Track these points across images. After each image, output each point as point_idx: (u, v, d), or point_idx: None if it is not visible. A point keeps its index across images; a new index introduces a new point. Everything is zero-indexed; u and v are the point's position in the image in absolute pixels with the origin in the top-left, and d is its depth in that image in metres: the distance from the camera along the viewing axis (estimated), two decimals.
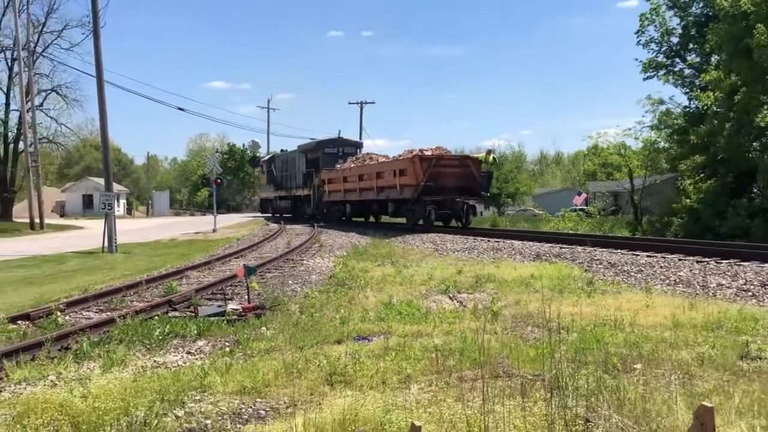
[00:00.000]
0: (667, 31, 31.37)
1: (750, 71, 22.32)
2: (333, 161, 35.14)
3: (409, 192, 24.01)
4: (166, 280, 12.42)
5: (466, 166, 24.59)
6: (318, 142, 37.93)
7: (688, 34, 30.75)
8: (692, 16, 30.61)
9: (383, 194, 26.95)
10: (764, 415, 4.28)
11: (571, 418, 3.77)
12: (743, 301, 8.99)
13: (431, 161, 23.72)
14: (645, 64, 32.05)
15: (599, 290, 10.07)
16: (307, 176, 37.45)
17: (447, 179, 23.84)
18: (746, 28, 22.21)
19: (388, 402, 4.50)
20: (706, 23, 27.98)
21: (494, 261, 14.50)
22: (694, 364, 5.69)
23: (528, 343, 6.64)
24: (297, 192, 39.87)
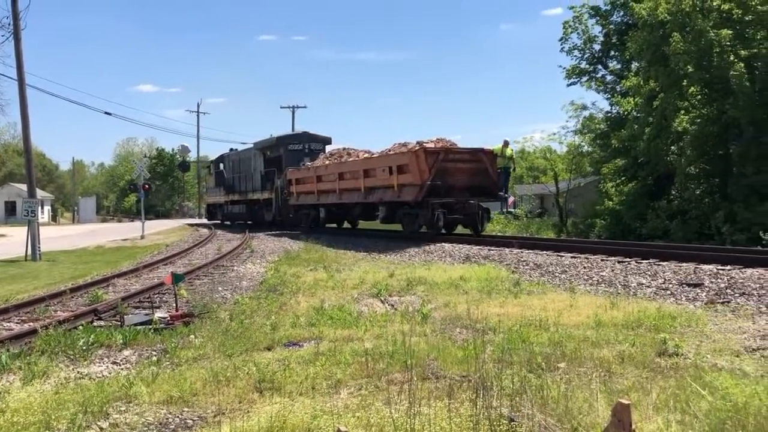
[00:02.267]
0: (589, 39, 32.32)
1: (667, 78, 23.18)
2: (298, 159, 30.57)
3: (412, 193, 19.51)
4: (92, 288, 12.11)
5: (478, 161, 20.13)
6: (279, 138, 33.11)
7: (610, 42, 31.76)
8: (613, 24, 31.61)
9: (373, 196, 22.21)
10: (679, 410, 4.46)
11: (496, 418, 3.87)
12: (662, 299, 9.34)
13: (438, 155, 19.20)
14: (568, 71, 32.94)
15: (525, 291, 10.30)
16: (267, 177, 32.90)
17: (457, 177, 19.58)
18: (663, 37, 23.05)
19: (317, 408, 4.52)
20: (626, 31, 28.93)
21: (425, 264, 14.65)
22: (615, 362, 5.88)
23: (456, 344, 6.74)
24: (254, 195, 35.01)
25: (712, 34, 21.65)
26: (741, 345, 6.49)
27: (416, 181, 19.23)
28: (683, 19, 22.57)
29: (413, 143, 20.89)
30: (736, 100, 21.73)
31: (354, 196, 23.73)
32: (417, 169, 19.18)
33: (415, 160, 19.30)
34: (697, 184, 25.07)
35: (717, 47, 21.84)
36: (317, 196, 26.66)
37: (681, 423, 4.16)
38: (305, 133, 33.04)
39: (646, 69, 24.92)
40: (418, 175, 19.16)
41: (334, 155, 27.49)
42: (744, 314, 7.95)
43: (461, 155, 19.99)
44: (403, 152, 20.29)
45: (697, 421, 4.15)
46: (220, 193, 41.57)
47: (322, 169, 26.36)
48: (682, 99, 24.10)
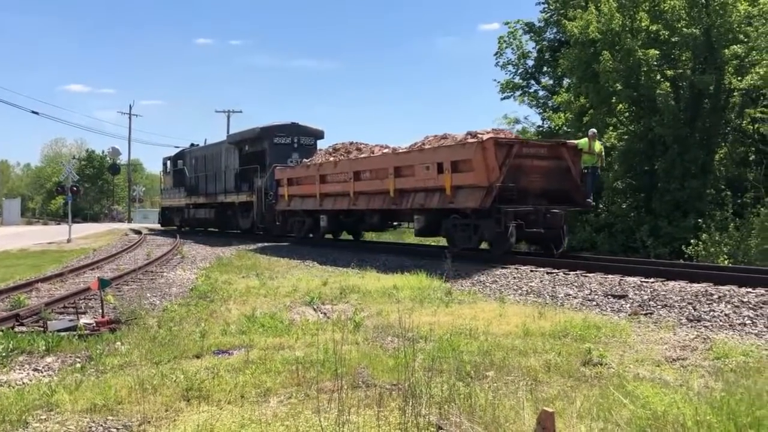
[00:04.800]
0: (523, 54, 33.04)
1: (597, 95, 23.87)
2: (285, 155, 26.11)
3: (473, 198, 14.72)
4: (14, 293, 11.67)
5: (559, 158, 15.60)
6: (263, 129, 27.25)
7: (543, 58, 32.54)
8: (546, 40, 32.41)
9: (408, 201, 17.16)
10: (602, 418, 4.59)
11: (425, 426, 3.90)
12: (588, 310, 9.58)
13: (511, 148, 14.67)
14: (503, 85, 33.60)
15: (457, 300, 10.42)
16: (244, 176, 27.94)
17: (531, 178, 15.19)
18: (594, 55, 23.74)
19: (245, 416, 4.47)
20: (559, 48, 29.69)
21: (359, 272, 14.67)
22: (542, 371, 6.01)
23: (388, 353, 6.76)
24: (226, 198, 29.67)
25: (640, 54, 22.41)
26: (662, 355, 6.71)
27: (480, 182, 14.57)
28: (613, 38, 23.29)
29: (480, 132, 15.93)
30: (662, 118, 22.55)
31: (377, 200, 18.56)
32: (483, 166, 14.47)
33: (480, 154, 14.52)
34: (624, 199, 25.83)
35: (645, 66, 22.63)
36: (319, 200, 21.51)
37: (603, 431, 4.28)
38: (294, 125, 27.42)
39: (577, 85, 25.59)
40: (483, 173, 14.47)
41: (338, 150, 22.46)
42: (665, 325, 8.22)
43: (537, 150, 15.60)
44: (463, 144, 15.32)
45: (619, 429, 4.27)
46: (179, 194, 36.11)
47: (327, 166, 21.19)
48: (611, 116, 24.87)
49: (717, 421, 4.02)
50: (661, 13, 23.34)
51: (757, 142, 24.44)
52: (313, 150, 26.11)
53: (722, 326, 8.18)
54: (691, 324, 8.38)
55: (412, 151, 17.39)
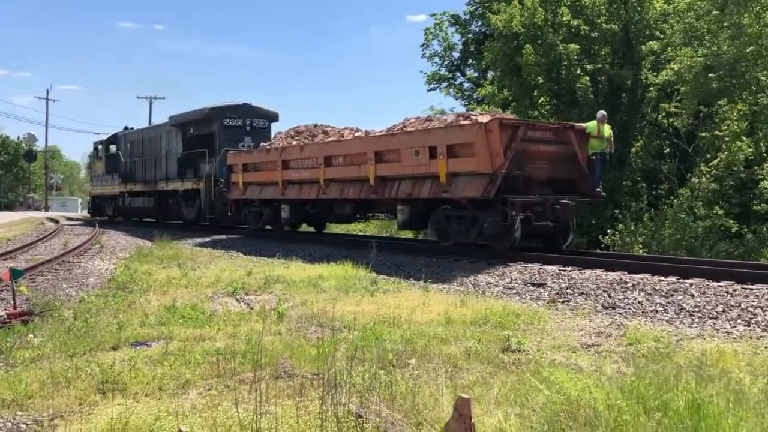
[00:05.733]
0: (449, 47, 33.40)
1: (519, 88, 24.36)
2: (237, 139, 23.84)
3: (474, 186, 12.94)
4: None
5: (565, 143, 13.98)
6: (212, 110, 24.49)
7: (468, 50, 32.95)
8: (471, 33, 32.81)
9: (392, 190, 15.13)
10: (519, 403, 4.69)
11: (344, 415, 3.91)
12: (508, 298, 9.78)
13: (517, 131, 13.03)
14: (429, 76, 33.88)
15: (382, 290, 10.47)
16: (189, 162, 25.52)
17: (536, 164, 13.65)
18: (517, 48, 24.21)
19: (162, 409, 4.39)
20: (484, 41, 30.11)
21: (285, 262, 14.56)
22: (462, 358, 6.11)
23: (311, 342, 6.74)
24: (168, 186, 27.18)
25: (561, 48, 22.97)
26: (578, 341, 6.91)
27: (483, 169, 12.81)
28: (535, 32, 23.79)
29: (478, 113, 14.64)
30: (582, 111, 23.16)
31: (353, 189, 16.50)
32: (486, 150, 12.79)
33: (483, 136, 12.80)
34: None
35: (566, 60, 23.22)
36: (281, 188, 19.30)
37: (520, 416, 4.38)
38: (246, 105, 24.86)
39: (501, 78, 26.05)
40: (487, 159, 12.77)
41: (302, 133, 20.38)
42: (582, 313, 8.46)
43: (543, 133, 13.88)
44: (461, 125, 13.47)
45: (534, 414, 4.38)
46: (112, 181, 33.24)
47: (292, 151, 18.97)
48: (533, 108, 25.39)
49: (627, 404, 4.17)
50: (582, 9, 23.96)
51: (671, 136, 25.40)
52: (267, 133, 24.21)
53: (635, 313, 8.48)
54: (606, 311, 8.66)
55: (398, 134, 15.30)
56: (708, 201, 21.38)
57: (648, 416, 4.00)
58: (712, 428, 3.77)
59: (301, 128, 20.85)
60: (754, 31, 18.14)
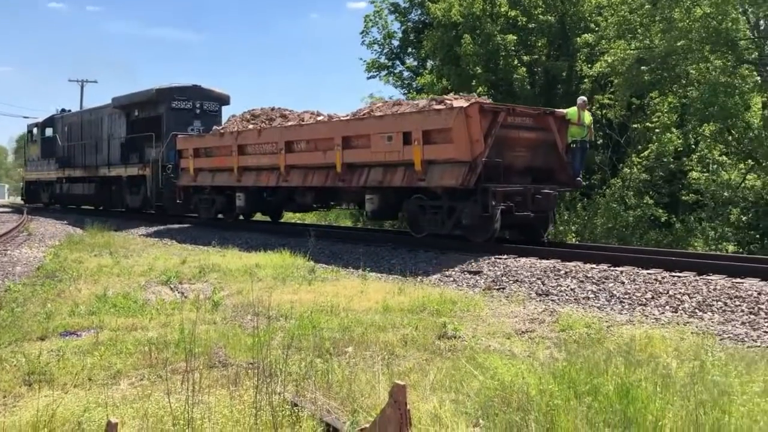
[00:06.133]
0: (388, 35, 33.32)
1: (458, 77, 24.50)
2: (186, 122, 22.47)
3: (455, 175, 12.19)
4: None
5: (545, 129, 13.32)
6: (159, 91, 22.99)
7: (407, 39, 32.93)
8: (411, 21, 32.80)
9: (360, 177, 14.24)
10: (454, 389, 4.75)
11: (279, 404, 3.88)
12: (445, 285, 9.87)
13: (497, 116, 12.25)
14: (369, 64, 33.78)
15: (320, 278, 10.43)
16: (133, 146, 24.02)
17: (516, 152, 13.02)
18: (456, 38, 24.35)
19: (91, 400, 4.28)
20: (423, 30, 30.17)
21: (221, 251, 14.36)
22: (399, 345, 6.13)
23: (246, 331, 6.66)
24: (110, 171, 25.50)
25: (499, 39, 23.19)
26: (512, 328, 7.02)
27: (462, 156, 12.15)
28: (474, 22, 23.96)
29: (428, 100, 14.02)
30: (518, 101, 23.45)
31: (317, 176, 15.51)
32: (465, 137, 12.09)
33: (463, 122, 12.08)
34: None
35: (503, 51, 23.46)
36: (236, 174, 18.16)
37: (455, 402, 4.42)
38: (196, 87, 23.49)
39: (440, 67, 26.16)
40: (466, 146, 12.10)
41: (258, 117, 19.17)
42: (516, 300, 8.60)
43: (523, 119, 13.10)
44: (439, 110, 12.66)
45: (469, 400, 4.43)
46: (48, 166, 31.42)
47: (249, 135, 17.81)
48: None
49: (559, 389, 4.25)
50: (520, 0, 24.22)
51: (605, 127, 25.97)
52: (218, 117, 23.24)
53: (568, 300, 8.67)
54: (539, 298, 8.83)
55: (369, 118, 14.28)
56: (638, 191, 21.98)
57: (579, 400, 4.09)
58: (640, 411, 3.88)
59: (257, 111, 19.67)
60: (685, 26, 18.64)
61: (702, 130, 20.84)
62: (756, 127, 19.96)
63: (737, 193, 20.05)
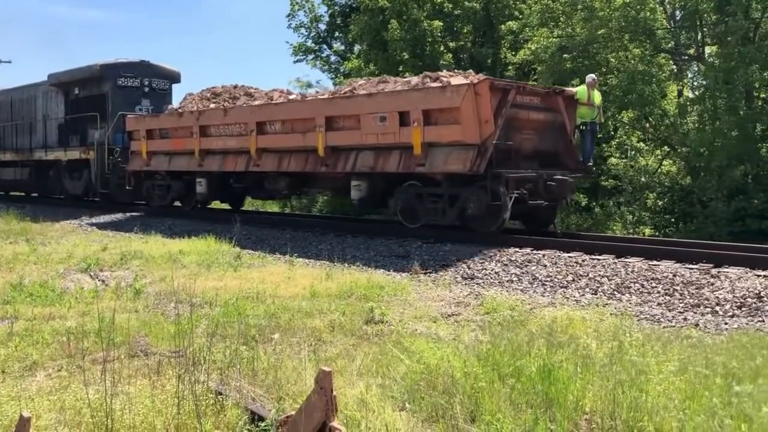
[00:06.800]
0: (315, 18, 33.02)
1: (385, 62, 24.50)
2: (134, 102, 20.69)
3: (462, 159, 11.08)
4: None
5: (553, 109, 12.33)
6: (104, 67, 20.85)
7: (334, 23, 32.71)
8: (338, 6, 32.57)
9: (347, 162, 12.91)
10: (380, 374, 4.77)
11: (203, 392, 3.81)
12: (373, 270, 9.90)
13: (507, 94, 11.19)
14: (295, 48, 33.44)
15: (246, 264, 10.31)
16: (74, 127, 21.84)
17: (524, 135, 12.02)
18: (382, 23, 24.33)
19: (4, 393, 4.11)
20: (350, 14, 30.01)
21: (143, 237, 14.02)
22: (326, 331, 6.12)
23: (170, 319, 6.53)
24: (47, 155, 23.18)
25: (425, 25, 23.29)
26: (438, 311, 7.10)
27: (469, 139, 10.99)
28: (401, 8, 23.97)
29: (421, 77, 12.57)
30: None
31: (295, 161, 14.03)
32: (474, 117, 10.89)
33: (471, 100, 10.88)
34: None
35: (430, 37, 23.57)
36: (198, 158, 16.57)
37: (381, 386, 4.44)
38: (144, 63, 21.46)
39: (367, 52, 26.10)
40: (475, 128, 10.90)
41: (220, 95, 17.68)
42: (443, 283, 8.71)
43: (531, 98, 12.08)
44: (443, 86, 11.48)
45: (396, 384, 4.46)
46: None
47: (213, 115, 16.23)
48: None
49: (483, 372, 4.32)
50: None
51: None
52: (168, 96, 21.52)
53: (492, 283, 8.83)
54: (465, 282, 8.96)
55: (359, 96, 12.98)
56: None
57: (502, 382, 4.17)
58: (562, 392, 3.98)
59: (218, 89, 18.23)
60: (605, 15, 19.11)
61: (621, 117, 21.45)
62: (672, 115, 20.69)
63: (654, 178, 20.76)
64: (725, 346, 5.23)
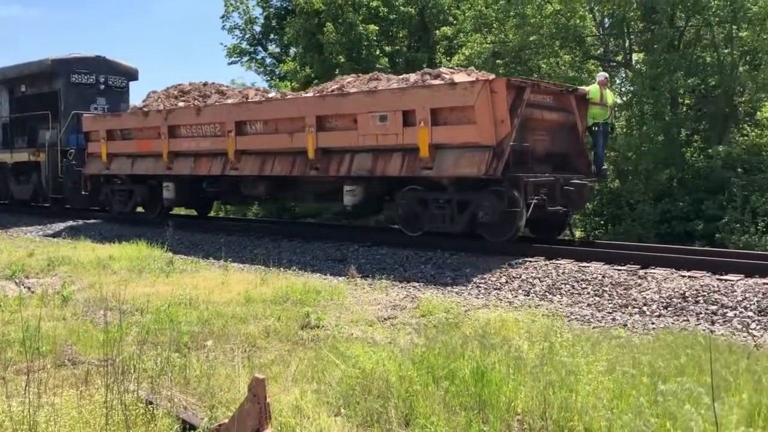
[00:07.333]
0: (250, 20, 32.73)
1: (321, 65, 24.43)
2: (89, 100, 19.16)
3: (476, 162, 10.20)
4: None
5: (566, 109, 11.67)
6: (56, 62, 19.33)
7: (270, 25, 32.47)
8: (273, 7, 32.35)
9: (341, 165, 11.90)
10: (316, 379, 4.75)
11: (132, 402, 3.73)
12: (310, 274, 9.85)
13: (523, 92, 10.37)
14: (230, 50, 33.07)
15: (178, 270, 10.12)
16: (21, 127, 20.29)
17: (537, 135, 11.29)
18: (318, 26, 24.26)
19: None
20: (286, 16, 29.84)
21: (72, 242, 13.63)
22: (261, 337, 6.06)
23: (99, 327, 6.35)
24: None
25: (361, 28, 23.33)
26: (375, 315, 7.11)
27: (484, 140, 10.14)
28: (336, 11, 23.96)
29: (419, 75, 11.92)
30: None
31: (280, 163, 12.92)
32: (489, 117, 10.06)
33: (486, 98, 10.05)
34: None
35: (365, 41, 23.61)
36: (166, 161, 15.26)
37: (317, 392, 4.43)
38: (100, 58, 19.89)
39: (303, 55, 25.99)
40: (490, 128, 10.07)
41: (189, 93, 16.61)
42: (380, 287, 8.72)
43: (544, 97, 11.30)
44: (455, 83, 10.74)
45: (331, 389, 4.45)
46: None
47: (184, 114, 15.00)
48: None
49: (418, 375, 4.35)
50: None
51: None
52: (126, 94, 20.25)
53: (428, 286, 8.89)
54: (401, 285, 9.00)
55: (356, 94, 12.00)
56: None
57: (437, 385, 4.21)
58: (494, 393, 4.03)
59: (186, 87, 17.04)
60: (537, 22, 19.49)
61: None
62: None
63: None
64: (652, 345, 5.39)
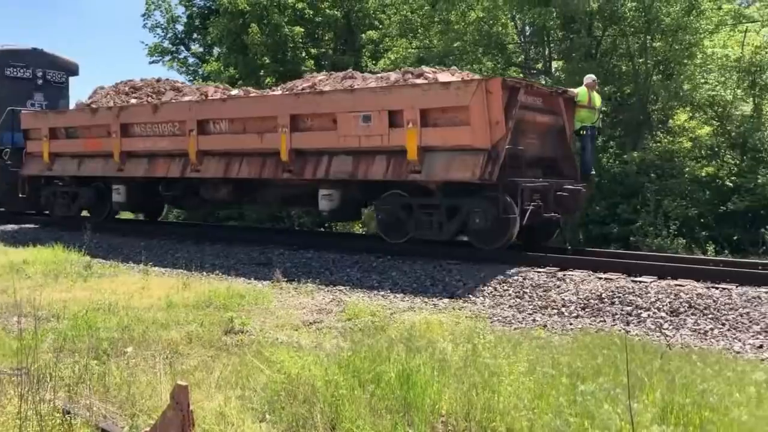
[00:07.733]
0: (172, 18, 32.13)
1: (245, 66, 24.20)
2: (25, 96, 17.96)
3: (469, 166, 9.65)
4: None
5: (555, 112, 11.16)
6: None
7: (193, 24, 31.95)
8: (197, 7, 31.85)
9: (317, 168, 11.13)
10: (240, 385, 4.69)
11: (49, 412, 3.61)
12: (233, 278, 9.72)
13: (517, 93, 9.79)
14: (151, 48, 32.39)
15: (97, 274, 9.84)
16: None
17: (529, 138, 10.73)
18: (243, 26, 24.00)
19: None
20: (209, 16, 29.40)
21: None
22: (183, 343, 5.94)
23: (12, 335, 6.11)
24: None
25: (286, 30, 23.22)
26: (300, 320, 7.08)
27: (478, 143, 9.62)
28: (261, 12, 23.77)
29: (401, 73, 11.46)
30: None
31: (249, 165, 12.06)
32: (484, 117, 9.55)
33: (482, 98, 9.54)
34: None
35: (291, 43, 23.50)
36: (117, 161, 14.09)
37: (241, 398, 4.38)
38: (37, 51, 18.68)
39: (227, 55, 25.69)
40: (484, 129, 9.57)
41: (141, 90, 15.66)
42: (305, 291, 8.68)
43: (535, 99, 10.71)
44: (447, 83, 10.18)
45: (256, 395, 4.41)
46: None
47: (140, 111, 13.98)
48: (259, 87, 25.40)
49: (344, 379, 4.35)
50: None
51: None
52: (65, 90, 19.19)
53: (354, 289, 8.91)
54: (328, 288, 8.98)
55: (335, 92, 11.17)
56: None
57: (363, 389, 4.22)
58: (420, 396, 4.08)
59: (137, 83, 16.06)
60: (460, 28, 19.80)
61: None
62: None
63: None
64: (570, 346, 5.55)
